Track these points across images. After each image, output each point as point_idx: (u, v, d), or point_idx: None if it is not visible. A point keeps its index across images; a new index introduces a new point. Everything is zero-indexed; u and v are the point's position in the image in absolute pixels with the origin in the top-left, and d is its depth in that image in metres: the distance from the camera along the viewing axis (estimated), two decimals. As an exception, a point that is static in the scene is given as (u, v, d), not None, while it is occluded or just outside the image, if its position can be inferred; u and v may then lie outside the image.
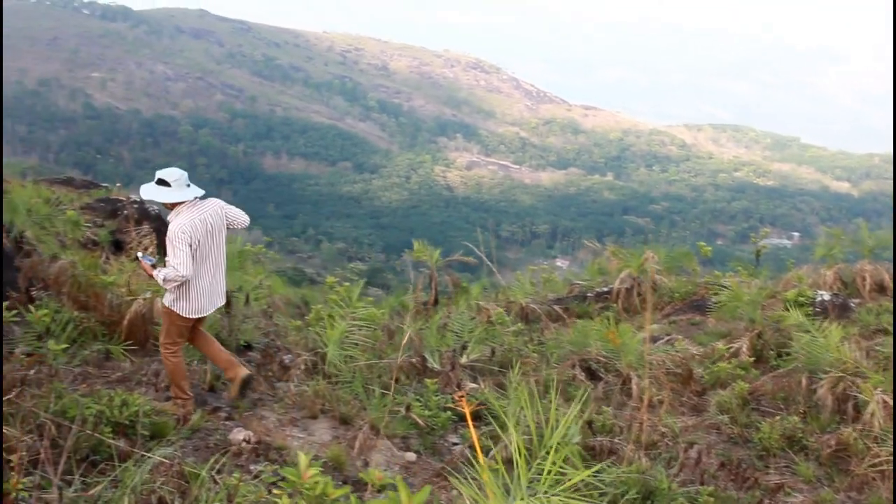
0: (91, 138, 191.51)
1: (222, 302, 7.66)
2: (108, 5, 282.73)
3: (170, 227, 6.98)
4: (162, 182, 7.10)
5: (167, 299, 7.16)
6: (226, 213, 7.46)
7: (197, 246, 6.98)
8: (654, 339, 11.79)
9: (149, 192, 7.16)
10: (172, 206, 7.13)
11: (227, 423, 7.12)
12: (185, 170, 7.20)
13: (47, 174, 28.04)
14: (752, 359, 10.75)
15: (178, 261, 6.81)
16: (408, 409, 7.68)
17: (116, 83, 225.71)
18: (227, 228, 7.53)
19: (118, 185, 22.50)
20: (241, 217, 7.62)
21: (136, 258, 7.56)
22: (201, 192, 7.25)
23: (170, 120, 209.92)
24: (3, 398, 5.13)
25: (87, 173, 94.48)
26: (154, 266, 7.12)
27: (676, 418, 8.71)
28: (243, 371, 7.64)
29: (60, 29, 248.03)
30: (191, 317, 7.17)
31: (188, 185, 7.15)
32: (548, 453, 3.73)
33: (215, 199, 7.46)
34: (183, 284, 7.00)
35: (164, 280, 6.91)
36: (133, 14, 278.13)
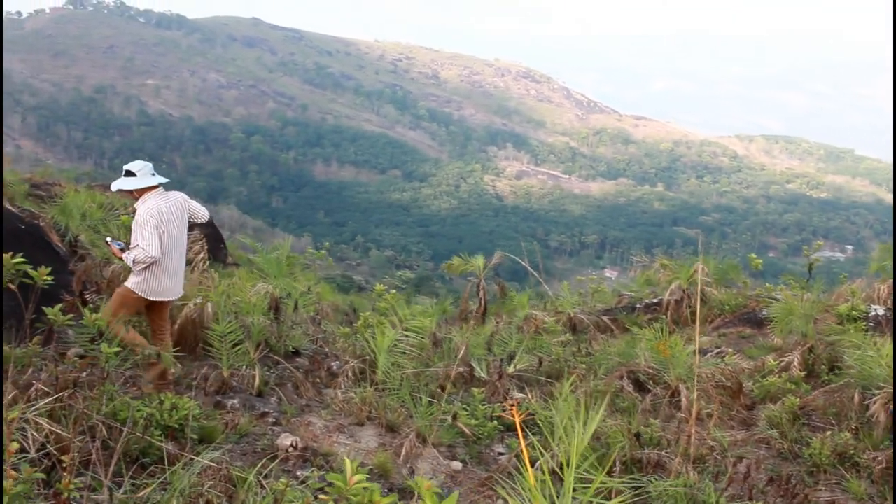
0: (144, 145, 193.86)
1: (181, 293, 7.85)
2: (164, 14, 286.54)
3: (138, 212, 7.36)
4: (129, 173, 7.52)
5: (130, 281, 7.38)
6: (188, 205, 7.78)
7: (165, 230, 7.31)
8: (703, 352, 11.69)
9: (117, 184, 7.57)
10: (140, 194, 7.48)
11: (274, 428, 7.17)
12: (236, 177, 7.40)
13: (101, 180, 28.41)
14: (803, 373, 10.61)
15: (146, 242, 7.11)
16: (454, 417, 7.67)
17: (170, 90, 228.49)
18: (189, 221, 7.85)
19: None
20: (201, 211, 7.98)
21: (106, 242, 7.79)
22: (165, 179, 7.64)
23: (222, 127, 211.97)
24: (57, 398, 5.20)
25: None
26: (123, 249, 7.41)
27: (725, 432, 8.61)
28: (169, 374, 7.66)
29: (117, 37, 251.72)
30: (149, 297, 7.40)
31: (152, 174, 7.56)
32: (595, 465, 3.71)
33: (179, 192, 7.83)
34: (149, 267, 7.27)
35: (133, 262, 7.19)
36: (187, 22, 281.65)
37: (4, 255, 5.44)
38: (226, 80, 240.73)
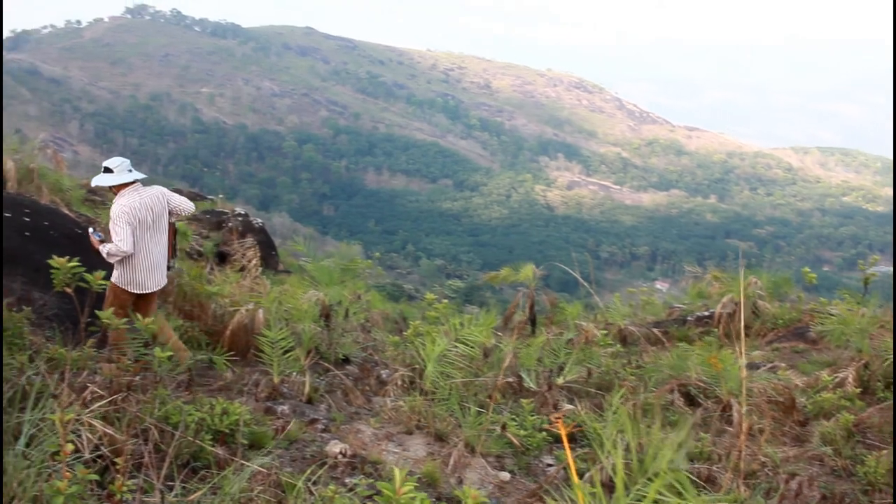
0: (199, 152, 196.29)
1: (163, 283, 8.17)
2: (219, 23, 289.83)
3: (112, 207, 7.72)
4: (107, 170, 7.78)
5: (113, 275, 7.77)
6: (168, 199, 8.08)
7: (137, 225, 7.65)
8: (755, 366, 11.54)
9: (96, 181, 7.85)
10: (117, 190, 7.79)
11: (323, 435, 7.20)
12: (288, 185, 7.59)
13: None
14: (858, 390, 10.43)
15: (119, 238, 7.51)
16: (503, 428, 7.65)
17: (224, 98, 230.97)
18: (172, 214, 8.19)
19: (221, 196, 22.97)
20: (184, 204, 8.32)
21: (88, 233, 8.02)
22: (141, 176, 7.93)
23: (275, 135, 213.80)
24: (111, 401, 5.26)
25: (194, 186, 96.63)
26: (102, 241, 7.75)
27: (777, 448, 8.50)
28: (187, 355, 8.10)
29: (173, 45, 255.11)
30: (131, 290, 7.79)
31: (129, 171, 7.83)
32: (650, 479, 3.67)
33: (158, 187, 8.20)
34: (126, 261, 7.70)
35: (107, 254, 7.62)
36: (242, 31, 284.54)
37: (61, 260, 5.52)
38: (279, 89, 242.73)
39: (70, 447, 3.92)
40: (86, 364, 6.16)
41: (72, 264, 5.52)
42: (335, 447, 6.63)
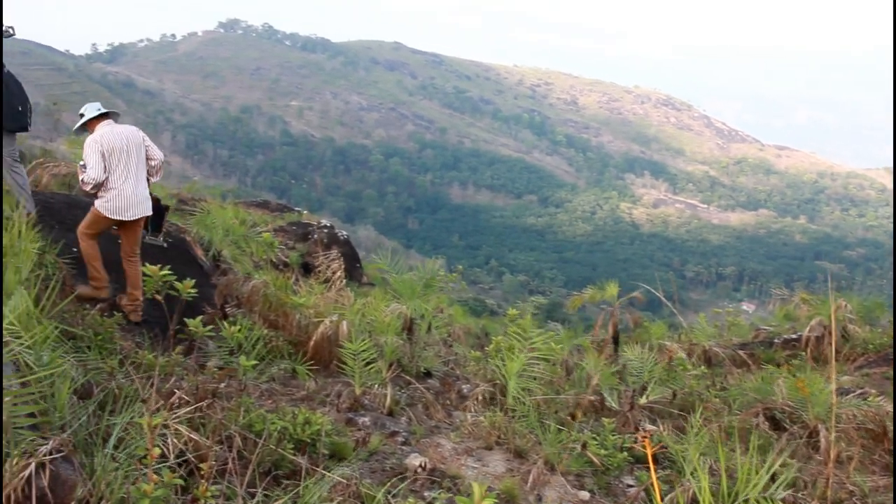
0: (287, 164, 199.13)
1: (145, 212, 8.57)
2: (309, 37, 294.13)
3: (86, 140, 8.25)
4: (81, 115, 8.38)
5: (96, 202, 8.26)
6: (143, 137, 8.57)
7: (110, 155, 8.09)
8: (844, 392, 11.27)
9: (75, 127, 8.69)
10: (92, 127, 8.32)
11: (403, 447, 7.21)
12: (374, 198, 7.76)
13: (245, 197, 29.24)
14: (952, 419, 10.13)
15: (90, 166, 8.01)
16: (584, 446, 7.59)
17: (313, 112, 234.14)
18: (150, 160, 8.66)
19: (305, 211, 23.25)
20: (157, 153, 8.77)
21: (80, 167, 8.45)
22: (111, 109, 8.47)
23: (361, 148, 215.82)
24: (197, 407, 5.35)
25: (281, 197, 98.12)
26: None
27: (866, 477, 8.28)
28: (139, 311, 8.51)
29: (264, 59, 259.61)
30: (109, 216, 8.20)
31: (98, 109, 8.36)
32: None
33: (134, 126, 8.67)
34: (105, 189, 8.15)
35: (82, 181, 8.19)
36: (332, 46, 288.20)
37: (153, 268, 5.64)
38: (367, 103, 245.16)
39: (157, 451, 3.99)
40: (173, 370, 6.28)
41: (163, 273, 5.64)
42: (415, 460, 6.64)
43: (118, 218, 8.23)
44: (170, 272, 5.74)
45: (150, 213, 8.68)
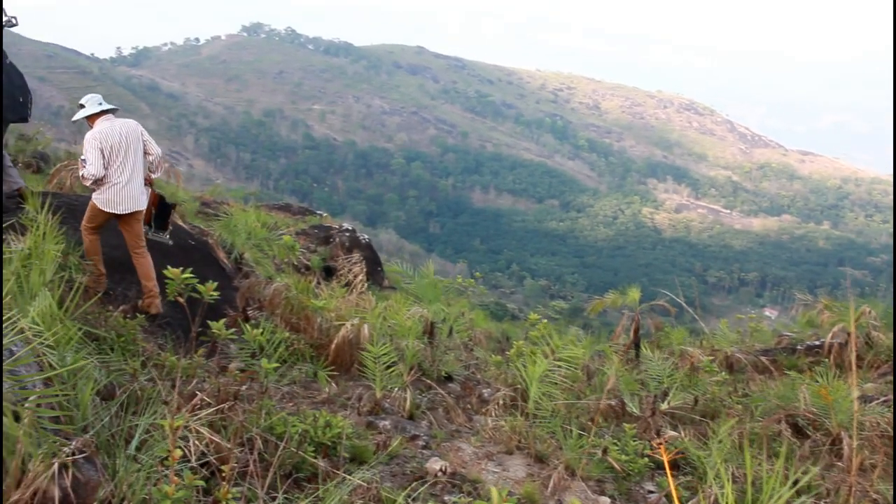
0: (309, 167, 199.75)
1: (137, 207, 8.65)
2: (332, 41, 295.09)
3: (86, 136, 8.38)
4: (81, 106, 8.53)
5: (93, 195, 8.46)
6: (142, 132, 8.69)
7: (109, 151, 8.25)
8: (867, 399, 11.19)
9: (74, 117, 8.65)
10: (92, 121, 8.45)
11: (424, 451, 7.21)
12: (396, 202, 7.75)
13: (267, 200, 29.31)
14: (977, 427, 10.04)
15: (89, 162, 8.15)
16: (604, 452, 7.57)
17: (335, 115, 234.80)
18: (148, 154, 8.76)
19: (326, 214, 23.30)
20: (155, 148, 8.85)
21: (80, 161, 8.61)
22: (111, 106, 8.58)
23: (383, 152, 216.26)
24: (218, 409, 5.37)
25: (303, 200, 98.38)
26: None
27: (889, 485, 8.22)
28: (157, 302, 8.65)
29: (287, 63, 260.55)
30: (104, 209, 8.38)
31: (99, 104, 8.50)
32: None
33: (133, 120, 8.77)
34: (102, 183, 8.30)
35: (82, 177, 8.35)
36: (354, 50, 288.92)
37: (175, 270, 5.67)
38: (389, 107, 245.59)
39: (178, 453, 4.01)
40: (195, 372, 6.31)
41: (185, 275, 5.67)
42: (435, 464, 6.64)
43: (111, 211, 8.40)
44: (192, 275, 5.76)
45: (142, 207, 8.79)
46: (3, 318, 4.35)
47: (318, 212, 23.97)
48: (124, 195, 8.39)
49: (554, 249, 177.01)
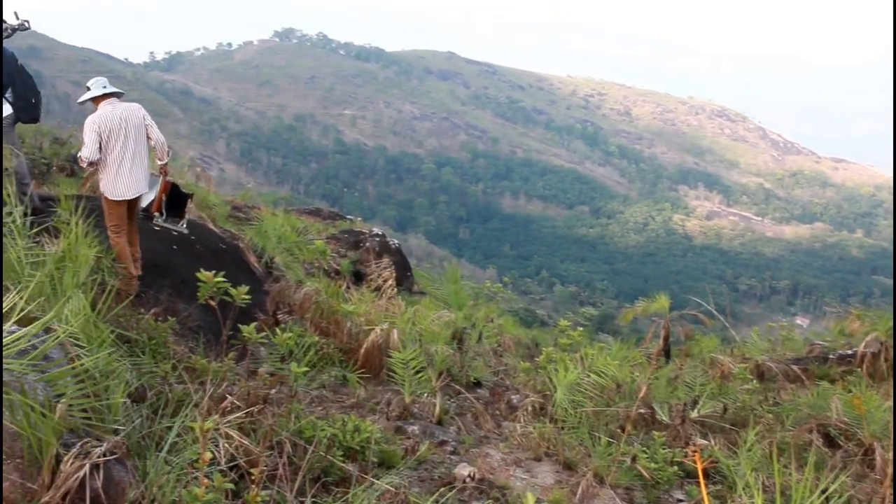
0: (339, 172, 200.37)
1: (143, 190, 8.87)
2: (363, 47, 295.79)
3: (86, 119, 8.46)
4: (87, 88, 8.60)
5: (100, 187, 8.65)
6: (144, 116, 8.69)
7: (107, 136, 8.34)
8: (900, 409, 11.08)
9: (80, 99, 8.70)
10: (97, 103, 8.53)
11: (452, 457, 7.21)
12: (425, 207, 7.75)
13: (297, 204, 29.44)
14: None
15: (85, 145, 8.30)
16: (633, 459, 7.53)
17: (366, 121, 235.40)
18: (150, 139, 8.82)
19: (359, 218, 23.37)
20: (157, 133, 8.87)
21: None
22: (115, 90, 8.65)
23: (414, 158, 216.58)
24: (248, 413, 5.40)
25: (333, 205, 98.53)
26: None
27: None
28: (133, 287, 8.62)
29: (318, 68, 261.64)
30: (115, 199, 8.49)
31: (104, 87, 8.55)
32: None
33: (137, 104, 8.79)
34: (104, 168, 8.45)
35: (79, 158, 8.53)
36: (385, 55, 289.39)
37: (208, 274, 5.70)
38: (420, 112, 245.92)
39: (208, 455, 4.03)
40: (225, 375, 6.34)
41: (217, 279, 5.70)
42: (463, 470, 6.63)
43: (122, 199, 8.53)
44: (224, 278, 5.79)
45: (146, 190, 8.94)
46: (39, 319, 4.40)
47: (349, 216, 24.07)
48: (130, 182, 8.55)
49: (584, 256, 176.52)
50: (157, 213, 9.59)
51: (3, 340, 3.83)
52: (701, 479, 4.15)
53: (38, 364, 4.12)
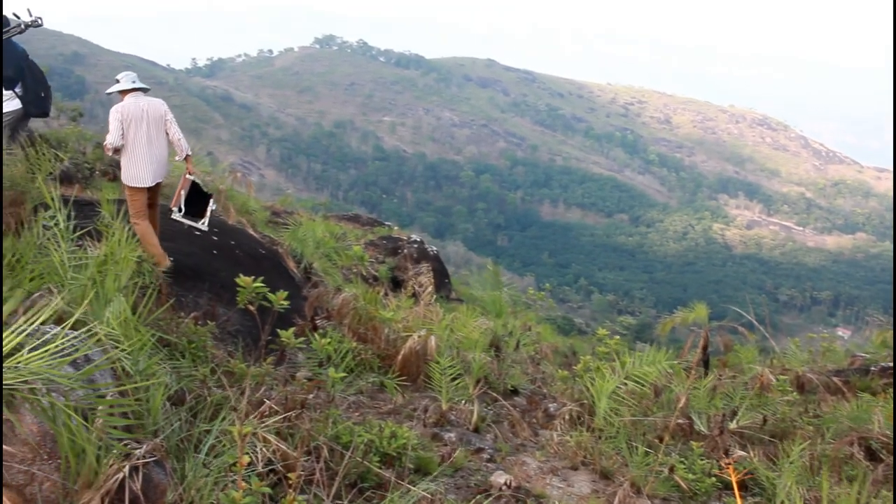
0: (378, 178, 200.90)
1: (158, 179, 9.21)
2: (403, 54, 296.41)
3: (111, 109, 8.92)
4: (116, 81, 9.13)
5: (121, 176, 9.12)
6: (165, 111, 9.15)
7: (128, 124, 8.81)
8: (944, 423, 10.92)
9: (109, 90, 9.20)
10: (124, 95, 9.00)
11: (488, 465, 7.20)
12: (464, 214, 7.82)
13: (336, 210, 29.58)
14: None
15: (109, 132, 8.77)
16: (671, 470, 7.48)
17: (405, 127, 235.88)
18: (168, 132, 9.21)
19: (395, 225, 23.43)
20: (175, 130, 9.24)
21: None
22: (142, 85, 9.14)
23: (452, 164, 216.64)
24: (285, 417, 5.42)
25: (372, 212, 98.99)
26: None
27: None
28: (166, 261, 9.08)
29: (358, 75, 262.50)
30: (135, 185, 8.93)
31: (133, 82, 9.09)
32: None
33: (160, 100, 9.26)
34: (125, 156, 8.91)
35: (105, 146, 8.96)
36: (425, 62, 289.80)
37: (247, 279, 5.74)
38: (459, 119, 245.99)
39: (246, 459, 4.06)
40: (264, 380, 6.37)
41: (256, 284, 5.73)
42: (500, 478, 6.62)
43: (142, 185, 8.95)
44: (262, 283, 5.83)
45: (162, 179, 9.32)
46: (77, 322, 4.45)
47: (387, 223, 24.14)
48: (149, 169, 8.98)
49: (622, 264, 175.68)
50: (175, 208, 9.75)
51: (43, 342, 3.87)
52: (736, 491, 4.11)
53: (79, 364, 4.16)
